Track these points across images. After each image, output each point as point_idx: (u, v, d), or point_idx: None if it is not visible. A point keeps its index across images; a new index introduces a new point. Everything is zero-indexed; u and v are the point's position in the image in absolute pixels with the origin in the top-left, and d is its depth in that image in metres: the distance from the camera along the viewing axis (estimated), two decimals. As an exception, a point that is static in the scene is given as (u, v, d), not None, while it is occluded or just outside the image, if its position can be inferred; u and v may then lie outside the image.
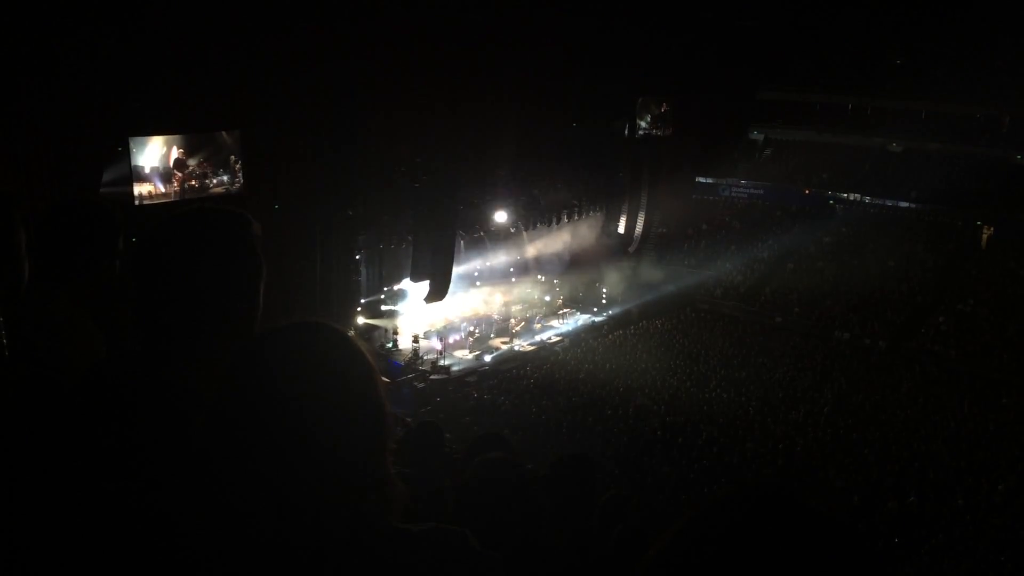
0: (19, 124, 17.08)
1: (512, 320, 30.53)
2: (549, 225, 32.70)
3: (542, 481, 3.62)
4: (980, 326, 28.85)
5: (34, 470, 1.63)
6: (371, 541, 1.29)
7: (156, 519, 1.45)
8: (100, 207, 2.63)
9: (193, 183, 21.09)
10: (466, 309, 30.23)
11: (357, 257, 26.59)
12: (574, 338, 30.11)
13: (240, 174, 21.98)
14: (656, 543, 0.93)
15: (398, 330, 27.81)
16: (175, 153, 20.82)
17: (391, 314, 28.33)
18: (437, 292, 27.23)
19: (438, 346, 27.08)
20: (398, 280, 28.43)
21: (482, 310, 30.60)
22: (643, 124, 34.72)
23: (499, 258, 32.04)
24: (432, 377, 24.93)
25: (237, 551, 1.25)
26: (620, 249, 35.41)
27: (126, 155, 19.81)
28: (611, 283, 34.15)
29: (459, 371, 26.06)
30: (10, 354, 1.88)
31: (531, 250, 32.98)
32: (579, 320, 32.40)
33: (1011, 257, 31.81)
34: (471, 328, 29.36)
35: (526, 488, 2.77)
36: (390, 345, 27.03)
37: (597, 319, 32.54)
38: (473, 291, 30.97)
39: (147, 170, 20.24)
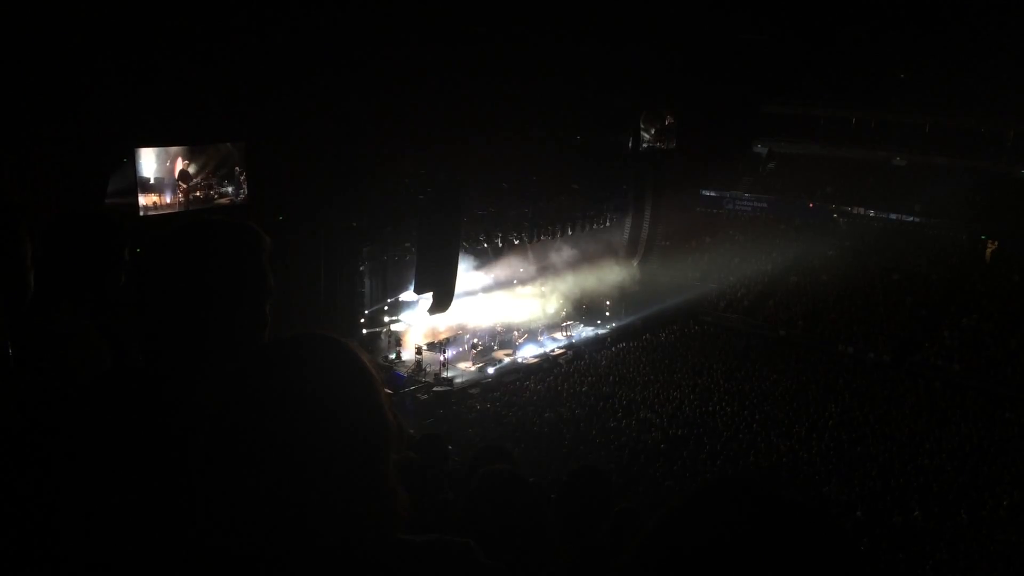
0: (24, 134, 17.12)
1: (515, 332, 30.51)
2: (553, 237, 32.72)
3: (555, 494, 3.61)
4: (984, 340, 28.77)
5: (39, 481, 1.63)
6: (374, 552, 1.29)
7: (158, 529, 1.45)
8: (105, 218, 2.63)
9: (198, 194, 21.14)
10: (469, 321, 30.22)
11: (361, 268, 26.60)
12: (577, 350, 30.09)
13: (245, 185, 22.03)
14: (637, 537, 0.94)
15: (401, 341, 27.81)
16: (180, 164, 20.87)
17: (394, 325, 28.34)
18: (440, 304, 27.21)
19: (441, 358, 27.05)
20: (402, 291, 28.43)
21: (486, 322, 30.57)
22: (647, 137, 34.75)
23: (503, 270, 32.06)
24: (435, 389, 24.88)
25: (238, 562, 1.25)
26: (624, 261, 35.39)
27: (131, 166, 19.87)
28: (615, 295, 34.14)
29: (462, 383, 26.01)
30: (15, 366, 1.88)
31: (535, 262, 32.99)
32: (582, 332, 32.38)
33: (1015, 271, 31.76)
34: (474, 340, 29.34)
35: (532, 500, 2.76)
36: (393, 356, 27.01)
37: (601, 331, 32.52)
38: (477, 303, 30.95)
39: (152, 181, 20.28)
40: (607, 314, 33.65)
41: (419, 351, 26.87)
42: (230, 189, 21.88)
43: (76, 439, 1.65)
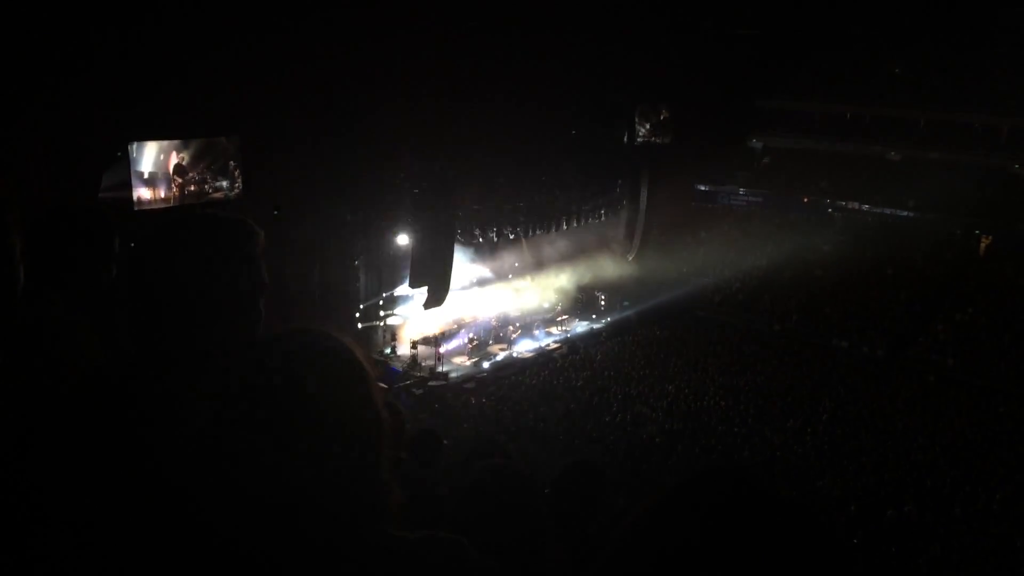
0: (17, 128, 17.04)
1: (510, 327, 30.51)
2: (548, 231, 32.73)
3: (549, 488, 3.59)
4: (978, 335, 28.85)
5: (31, 476, 1.62)
6: (366, 548, 1.28)
7: (152, 524, 1.44)
8: (94, 211, 2.62)
9: (192, 188, 21.11)
10: (465, 315, 30.23)
11: (356, 263, 26.58)
12: (573, 345, 30.10)
13: (239, 180, 22.00)
14: (621, 525, 0.93)
15: (397, 336, 27.79)
16: (175, 158, 20.83)
17: (389, 319, 28.34)
18: (435, 298, 27.22)
19: (437, 352, 27.04)
20: (397, 286, 28.43)
21: (481, 316, 30.58)
22: (643, 131, 34.75)
23: (499, 264, 32.07)
24: (430, 383, 24.88)
25: (231, 556, 1.24)
26: (619, 256, 35.42)
27: (125, 160, 19.82)
28: (610, 290, 34.15)
29: (457, 378, 26.02)
30: (5, 360, 1.87)
31: (530, 256, 32.99)
32: (578, 327, 32.39)
33: (1009, 266, 31.81)
34: (470, 334, 29.34)
35: (527, 495, 2.75)
36: (388, 351, 27.01)
37: (596, 326, 32.55)
38: (472, 297, 30.96)
39: (146, 175, 20.25)
40: (602, 308, 33.67)
41: (414, 345, 26.86)
42: (224, 183, 21.85)
43: (68, 435, 1.64)
